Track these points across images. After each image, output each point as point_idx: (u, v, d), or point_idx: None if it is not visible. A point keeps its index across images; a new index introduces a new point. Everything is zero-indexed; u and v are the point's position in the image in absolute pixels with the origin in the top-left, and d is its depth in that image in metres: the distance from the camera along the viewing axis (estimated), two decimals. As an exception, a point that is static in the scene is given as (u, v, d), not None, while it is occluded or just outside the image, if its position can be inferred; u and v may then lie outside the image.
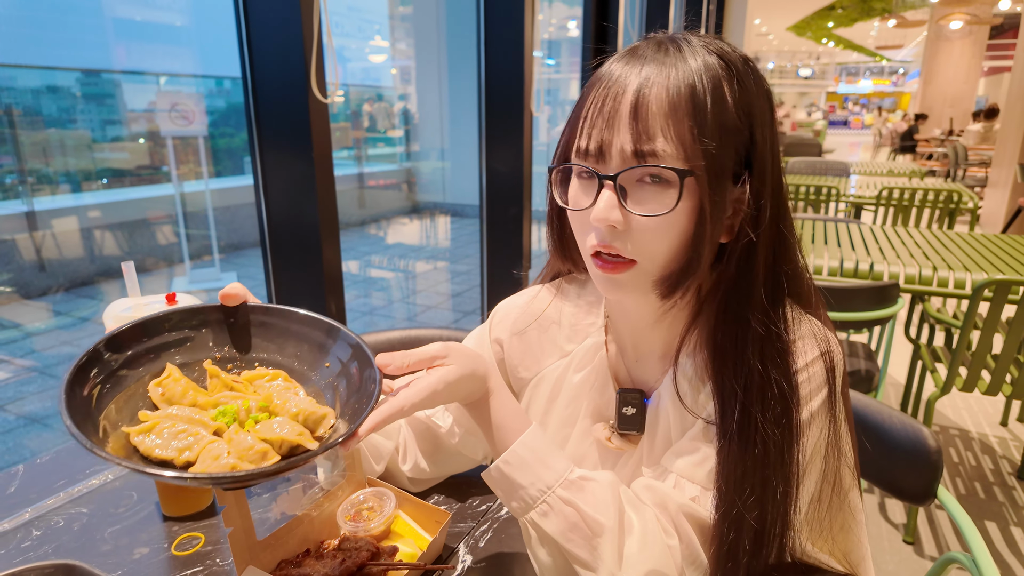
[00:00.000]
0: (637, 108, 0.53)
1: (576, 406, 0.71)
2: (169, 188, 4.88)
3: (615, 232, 0.56)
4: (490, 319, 0.78)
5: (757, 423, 0.56)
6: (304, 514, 0.67)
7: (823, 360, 0.59)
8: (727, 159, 0.55)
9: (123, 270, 0.73)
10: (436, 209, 8.03)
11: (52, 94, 4.97)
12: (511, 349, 0.75)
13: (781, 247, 0.59)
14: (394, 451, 0.79)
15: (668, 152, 0.53)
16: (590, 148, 0.56)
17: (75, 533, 0.73)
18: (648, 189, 0.55)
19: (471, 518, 0.76)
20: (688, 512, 0.57)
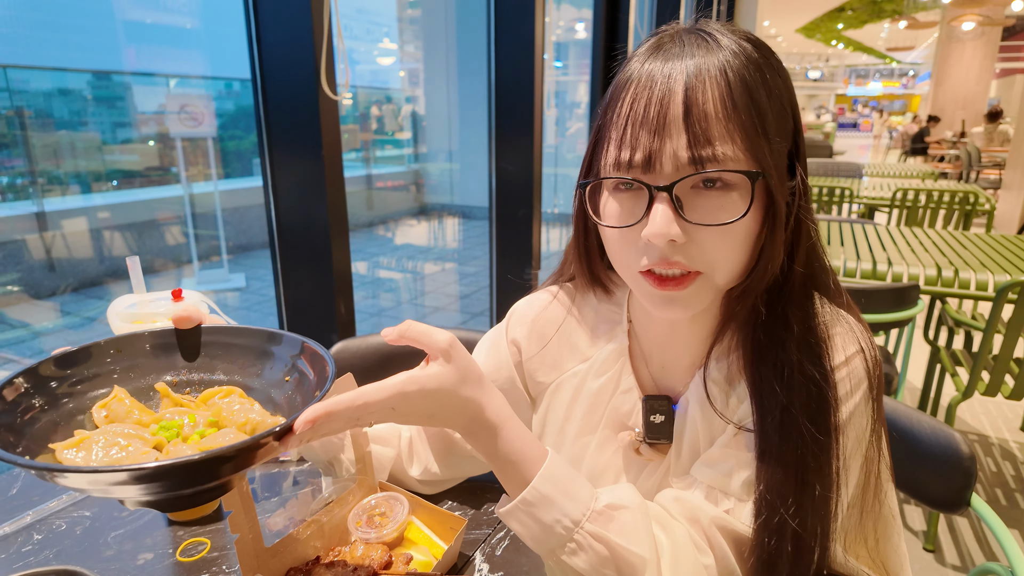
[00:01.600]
0: (690, 109, 0.49)
1: (597, 414, 0.68)
2: (178, 189, 4.89)
3: (673, 246, 0.51)
4: (507, 319, 0.75)
5: (798, 423, 0.52)
6: (314, 519, 0.65)
7: (863, 355, 0.56)
8: (785, 152, 0.52)
9: (128, 265, 0.71)
10: (444, 210, 8.01)
11: (63, 96, 4.99)
12: (529, 352, 0.72)
13: (815, 239, 0.57)
14: (397, 457, 0.75)
15: (729, 154, 0.49)
16: (635, 159, 0.51)
17: (77, 537, 0.71)
18: (706, 195, 0.51)
19: (487, 524, 0.73)
20: (722, 525, 0.54)
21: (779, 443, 0.53)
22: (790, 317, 0.54)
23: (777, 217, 0.52)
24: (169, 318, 0.58)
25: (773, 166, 0.50)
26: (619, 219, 0.54)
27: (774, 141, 0.50)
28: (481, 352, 0.75)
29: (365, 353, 1.31)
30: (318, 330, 1.81)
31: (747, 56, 0.51)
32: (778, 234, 0.52)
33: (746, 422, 0.56)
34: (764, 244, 0.53)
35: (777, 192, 0.51)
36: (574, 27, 8.45)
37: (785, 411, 0.53)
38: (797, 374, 0.53)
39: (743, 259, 0.53)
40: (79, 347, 0.55)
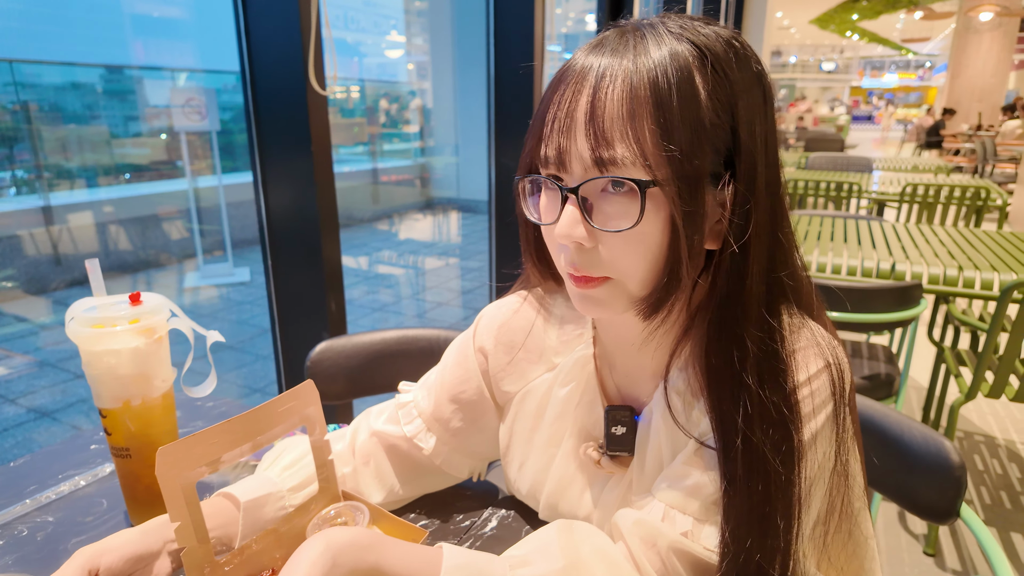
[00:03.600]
0: (593, 110, 0.47)
1: (562, 424, 0.65)
2: (183, 183, 4.91)
3: (583, 250, 0.50)
4: (475, 326, 0.73)
5: (760, 451, 0.50)
6: (271, 529, 0.63)
7: (828, 372, 0.53)
8: (702, 162, 0.47)
9: (87, 268, 0.69)
10: (449, 205, 8.00)
11: (72, 90, 5.01)
12: (496, 360, 0.70)
13: (778, 252, 0.52)
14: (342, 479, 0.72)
15: (628, 159, 0.46)
16: (550, 155, 0.50)
17: (38, 543, 0.70)
18: (613, 200, 0.49)
19: (453, 535, 0.71)
20: (679, 549, 0.51)
21: (739, 460, 0.50)
22: (745, 338, 0.51)
23: (675, 228, 0.48)
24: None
25: (672, 176, 0.46)
26: (543, 216, 0.53)
27: (678, 151, 0.46)
28: (448, 361, 0.74)
29: (352, 352, 1.30)
30: (309, 327, 1.80)
31: (672, 55, 0.47)
32: (680, 245, 0.49)
33: (707, 438, 0.54)
34: (667, 254, 0.50)
35: (673, 204, 0.47)
36: (584, 19, 8.38)
37: (746, 440, 0.50)
38: (756, 398, 0.50)
39: (648, 268, 0.50)
40: None
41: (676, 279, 0.50)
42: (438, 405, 0.72)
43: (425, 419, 0.72)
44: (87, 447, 0.89)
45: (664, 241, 0.49)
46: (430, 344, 1.32)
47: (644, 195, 0.47)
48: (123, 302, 0.70)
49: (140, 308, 0.70)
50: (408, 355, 1.33)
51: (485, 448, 0.74)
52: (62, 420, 2.73)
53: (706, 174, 0.48)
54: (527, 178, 0.54)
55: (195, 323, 0.73)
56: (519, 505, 0.76)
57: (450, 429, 0.72)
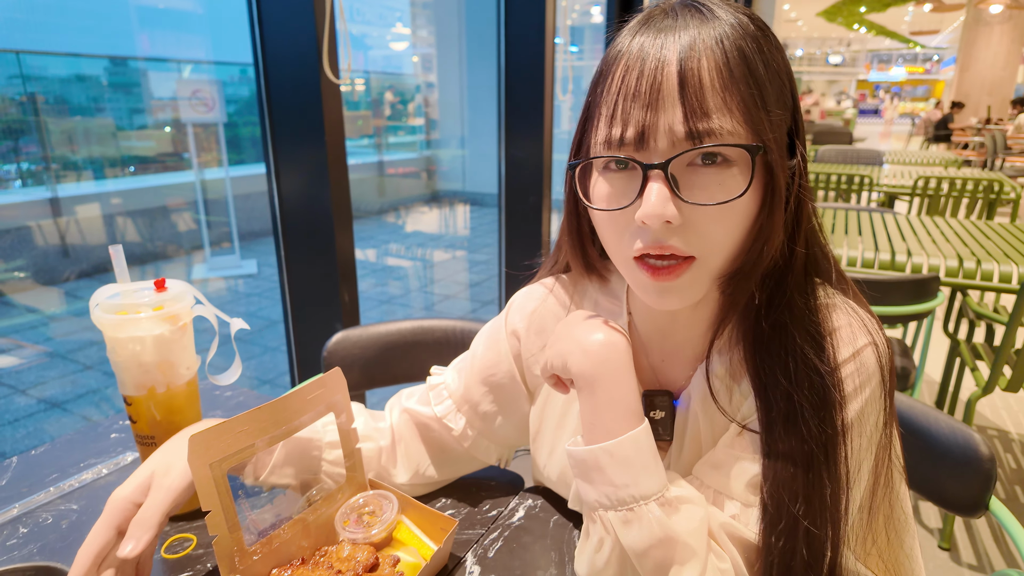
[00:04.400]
0: (685, 81, 0.45)
1: None
2: (190, 175, 4.90)
3: (669, 229, 0.48)
4: (506, 310, 0.72)
5: (805, 415, 0.49)
6: (300, 518, 0.62)
7: (873, 348, 0.52)
8: (784, 126, 0.49)
9: (111, 254, 0.69)
10: (455, 197, 7.98)
11: (78, 82, 5.00)
12: (528, 344, 0.69)
13: (815, 222, 0.54)
14: (377, 457, 0.72)
15: (727, 128, 0.46)
16: (627, 135, 0.48)
17: (63, 531, 0.69)
18: (703, 173, 0.47)
19: (480, 524, 0.70)
20: (730, 531, 0.51)
21: (785, 437, 0.50)
22: (794, 303, 0.51)
23: (777, 195, 0.48)
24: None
25: (773, 140, 0.47)
26: (610, 201, 0.51)
27: (774, 114, 0.47)
28: (479, 345, 0.73)
29: (367, 343, 1.29)
30: (322, 319, 1.80)
31: (743, 27, 0.47)
32: (777, 214, 0.49)
33: (750, 421, 0.53)
34: (762, 224, 0.49)
35: (778, 167, 0.48)
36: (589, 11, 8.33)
37: (790, 402, 0.50)
38: (802, 364, 0.50)
39: (740, 241, 0.50)
40: None
41: (766, 250, 0.50)
42: (468, 387, 0.71)
43: (455, 400, 0.72)
44: (107, 436, 0.89)
45: (754, 211, 0.49)
46: (445, 335, 1.31)
47: (754, 162, 0.46)
48: (147, 288, 0.69)
49: (164, 295, 0.69)
50: (423, 345, 1.32)
51: (514, 433, 0.73)
52: (72, 411, 2.74)
53: (786, 139, 0.49)
54: (595, 159, 0.51)
55: (219, 310, 0.73)
56: (547, 494, 0.75)
57: (479, 412, 0.71)
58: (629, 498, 0.49)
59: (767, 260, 0.50)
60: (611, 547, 0.50)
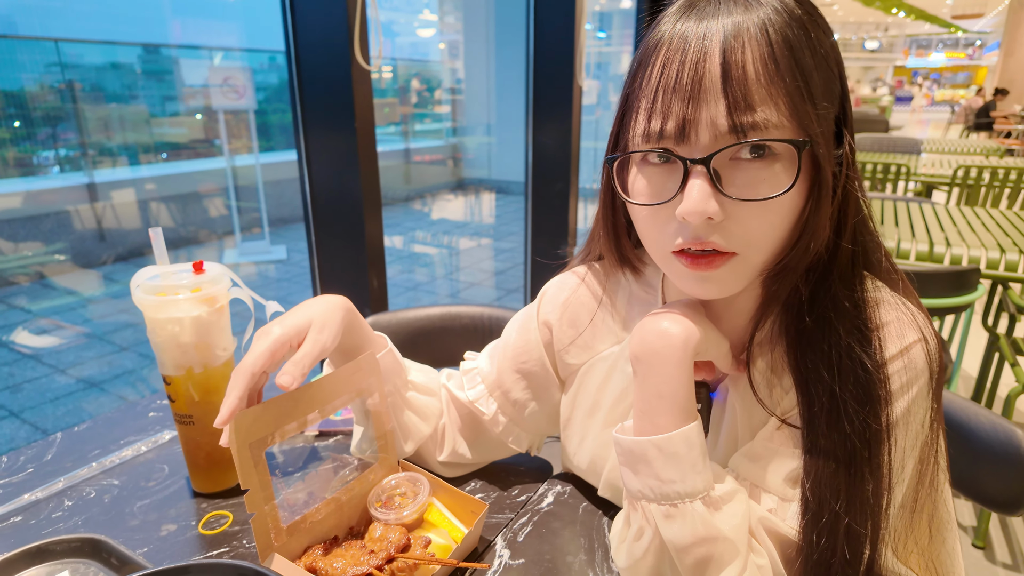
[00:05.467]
0: (728, 72, 0.44)
1: (629, 398, 0.64)
2: (221, 162, 4.98)
3: (710, 225, 0.47)
4: (539, 300, 0.72)
5: (848, 411, 0.48)
6: (333, 498, 0.63)
7: (923, 345, 0.51)
8: (832, 117, 0.47)
9: (151, 236, 0.70)
10: (481, 185, 7.97)
11: (112, 70, 5.10)
12: (561, 334, 0.69)
13: (865, 212, 0.52)
14: (428, 437, 0.75)
15: (772, 121, 0.44)
16: (667, 129, 0.46)
17: (105, 506, 0.71)
18: (746, 167, 0.46)
19: (509, 508, 0.71)
20: (768, 526, 0.50)
21: (828, 433, 0.49)
22: (839, 297, 0.50)
23: (823, 189, 0.47)
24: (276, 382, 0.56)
25: (820, 133, 0.46)
26: (650, 196, 0.50)
27: (821, 106, 0.45)
28: (512, 332, 0.73)
29: (396, 328, 1.30)
30: (353, 303, 1.81)
31: (789, 13, 0.45)
32: (824, 208, 0.48)
33: (790, 416, 0.52)
34: (808, 219, 0.48)
35: (825, 161, 0.46)
36: (618, -4, 8.20)
37: (833, 398, 0.49)
38: (846, 359, 0.49)
39: (785, 237, 0.49)
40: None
41: (812, 245, 0.48)
42: (500, 373, 0.72)
43: (487, 385, 0.73)
44: (145, 414, 0.91)
45: (800, 205, 0.48)
46: (473, 321, 1.32)
47: (800, 156, 0.45)
48: (186, 271, 0.70)
49: (202, 277, 0.70)
50: (452, 331, 1.32)
51: (544, 421, 0.73)
52: (109, 391, 2.82)
53: (833, 129, 0.48)
54: (634, 153, 0.50)
55: (255, 293, 0.74)
56: (576, 481, 0.75)
57: (511, 399, 0.71)
58: (674, 494, 0.48)
59: (812, 255, 0.49)
60: (651, 538, 0.50)
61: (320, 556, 0.58)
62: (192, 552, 0.64)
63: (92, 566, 0.61)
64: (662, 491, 0.49)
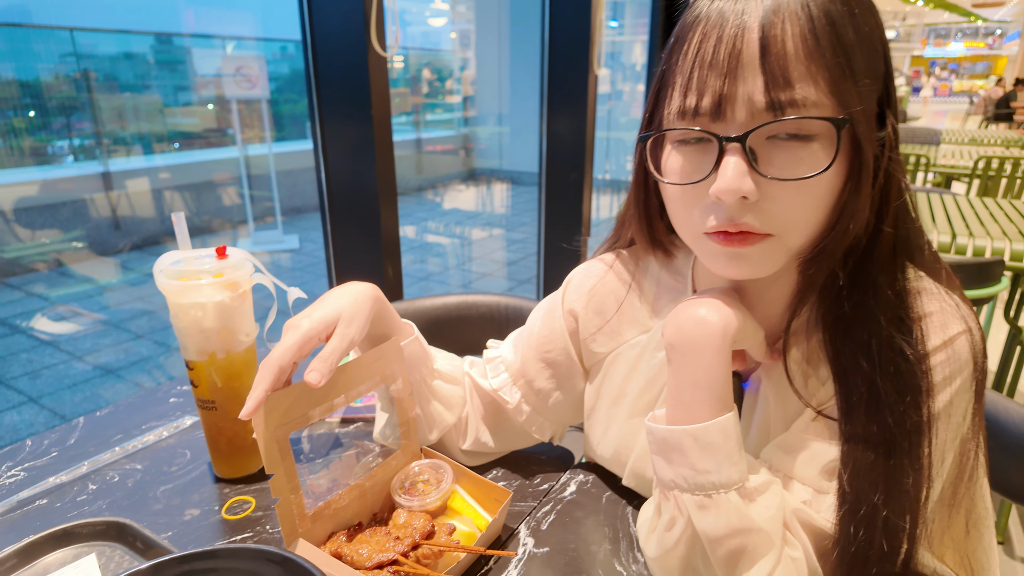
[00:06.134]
0: (767, 48, 0.43)
1: (656, 388, 0.63)
2: (234, 151, 4.99)
3: (745, 205, 0.46)
4: (563, 288, 0.71)
5: (887, 401, 0.47)
6: (356, 484, 0.63)
7: (968, 336, 0.49)
8: (874, 96, 0.46)
9: (173, 221, 0.70)
10: (493, 175, 7.95)
11: (126, 60, 5.12)
12: (586, 323, 0.68)
13: (907, 197, 0.50)
14: (452, 426, 0.74)
15: (812, 98, 0.43)
16: (702, 105, 0.46)
17: (129, 490, 0.72)
18: (783, 146, 0.45)
19: (532, 497, 0.70)
20: (802, 518, 0.49)
21: (866, 423, 0.48)
22: (879, 285, 0.48)
23: (864, 170, 0.46)
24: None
25: (861, 112, 0.44)
26: (683, 175, 0.49)
27: (862, 84, 0.44)
28: (536, 321, 0.72)
29: (413, 316, 1.30)
30: (366, 292, 1.82)
31: None
32: (864, 190, 0.46)
33: (827, 407, 0.51)
34: (847, 201, 0.46)
35: (865, 141, 0.45)
36: (631, -16, 8.10)
37: (873, 388, 0.48)
38: (886, 348, 0.48)
39: (822, 219, 0.47)
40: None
41: (851, 228, 0.47)
42: (524, 362, 0.71)
43: (511, 374, 0.72)
44: (166, 400, 0.92)
45: (838, 187, 0.46)
46: (490, 310, 1.31)
47: (840, 135, 0.44)
48: (209, 256, 0.70)
49: (224, 262, 0.70)
50: (468, 320, 1.32)
51: (569, 410, 0.72)
52: (126, 378, 2.85)
53: (875, 109, 0.46)
54: (668, 131, 0.49)
55: (277, 279, 0.73)
56: (598, 470, 0.74)
57: (534, 389, 0.71)
58: (709, 485, 0.47)
59: (851, 239, 0.48)
60: (683, 528, 0.49)
61: (345, 542, 0.58)
62: (216, 537, 0.64)
63: (118, 549, 0.61)
64: (696, 481, 0.48)
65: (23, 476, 0.74)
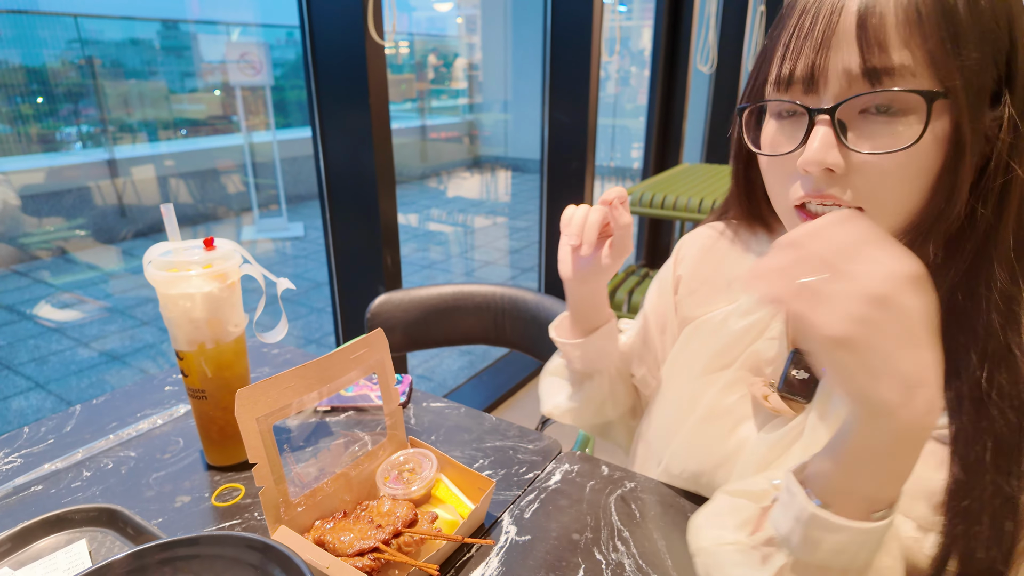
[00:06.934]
0: (866, 19, 0.42)
1: (733, 352, 0.62)
2: (239, 138, 4.99)
3: (831, 177, 0.46)
4: (674, 254, 0.74)
5: (998, 407, 0.43)
6: (342, 473, 0.64)
7: None
8: (986, 73, 0.43)
9: (162, 213, 0.70)
10: (497, 163, 7.93)
11: (131, 46, 5.12)
12: (686, 285, 0.70)
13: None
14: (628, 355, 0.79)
15: (908, 68, 0.42)
16: (796, 74, 0.46)
17: (122, 476, 0.73)
18: (875, 120, 0.44)
19: (517, 486, 0.71)
20: (907, 555, 0.45)
21: (975, 433, 0.44)
22: (998, 280, 0.45)
23: (960, 149, 0.44)
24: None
25: (962, 87, 0.42)
26: (775, 146, 0.49)
27: (968, 58, 0.42)
28: (652, 296, 0.76)
29: (409, 306, 1.31)
30: (365, 281, 1.83)
31: None
32: (961, 171, 0.44)
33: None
34: (940, 180, 0.45)
35: (963, 119, 0.43)
36: (639, -32, 8.01)
37: (979, 389, 0.44)
38: (1001, 347, 0.44)
39: (914, 197, 0.46)
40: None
41: (950, 208, 0.45)
42: (645, 331, 0.76)
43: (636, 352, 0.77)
44: (161, 388, 0.93)
45: (934, 166, 0.45)
46: (485, 300, 1.31)
47: (930, 108, 0.42)
48: (197, 247, 0.71)
49: (213, 253, 0.70)
50: (464, 310, 1.33)
51: None
52: (131, 364, 2.88)
53: (989, 88, 0.44)
54: (760, 103, 0.50)
55: (266, 270, 0.74)
56: (584, 460, 0.75)
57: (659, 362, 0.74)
58: (837, 570, 0.41)
59: (949, 221, 0.46)
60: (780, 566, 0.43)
61: (328, 530, 0.59)
62: (205, 523, 0.66)
63: (109, 535, 0.63)
64: (821, 562, 0.41)
65: (19, 463, 0.75)
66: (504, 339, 1.32)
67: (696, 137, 4.61)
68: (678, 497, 0.68)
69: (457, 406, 0.88)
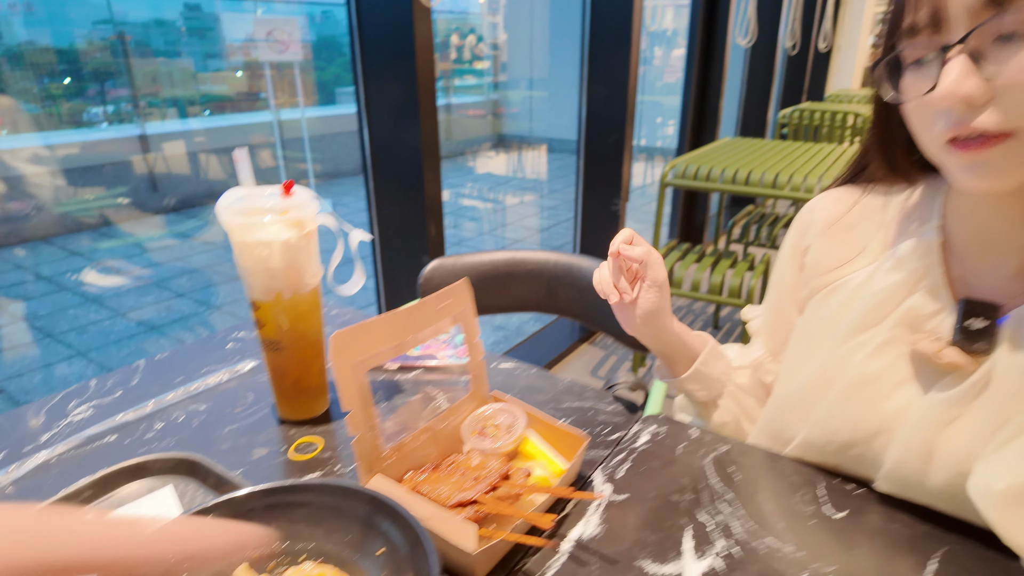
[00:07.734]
0: None
1: (883, 309, 0.58)
2: (267, 115, 4.99)
3: (974, 107, 0.44)
4: (798, 220, 0.71)
5: None
6: (428, 427, 0.62)
7: None
8: None
9: (235, 158, 0.68)
10: (523, 142, 7.86)
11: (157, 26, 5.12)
12: (815, 251, 0.67)
13: None
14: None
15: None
16: (920, 20, 0.46)
17: (194, 429, 0.71)
18: (1011, 45, 0.43)
19: (602, 447, 0.68)
20: None
21: None
22: None
23: None
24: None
25: None
26: (912, 91, 0.49)
27: None
28: (776, 270, 0.74)
29: (460, 272, 1.28)
30: (410, 250, 1.80)
31: None
32: None
33: None
34: None
35: None
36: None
37: None
38: None
39: None
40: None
41: None
42: (776, 314, 0.74)
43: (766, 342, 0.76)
44: (223, 346, 0.91)
45: None
46: (538, 267, 1.28)
47: None
48: (274, 193, 0.68)
49: (290, 200, 0.68)
50: (516, 277, 1.30)
51: None
52: (168, 334, 2.91)
53: None
54: (887, 57, 0.50)
55: (343, 220, 0.71)
56: (669, 423, 0.72)
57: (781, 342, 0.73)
58: None
59: None
60: None
61: (420, 482, 0.57)
62: (286, 475, 0.64)
63: (191, 483, 0.61)
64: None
65: (91, 413, 0.74)
66: (557, 307, 1.29)
67: (731, 113, 4.50)
68: (779, 460, 0.65)
69: (528, 367, 0.85)
